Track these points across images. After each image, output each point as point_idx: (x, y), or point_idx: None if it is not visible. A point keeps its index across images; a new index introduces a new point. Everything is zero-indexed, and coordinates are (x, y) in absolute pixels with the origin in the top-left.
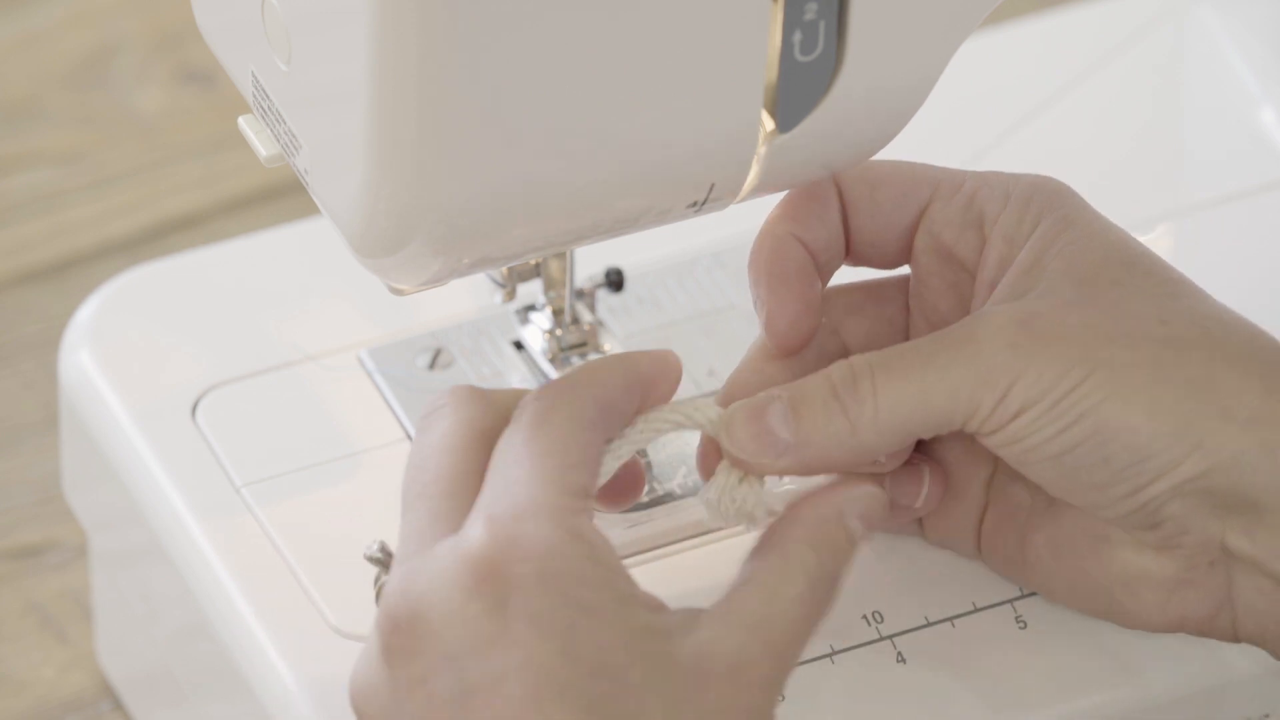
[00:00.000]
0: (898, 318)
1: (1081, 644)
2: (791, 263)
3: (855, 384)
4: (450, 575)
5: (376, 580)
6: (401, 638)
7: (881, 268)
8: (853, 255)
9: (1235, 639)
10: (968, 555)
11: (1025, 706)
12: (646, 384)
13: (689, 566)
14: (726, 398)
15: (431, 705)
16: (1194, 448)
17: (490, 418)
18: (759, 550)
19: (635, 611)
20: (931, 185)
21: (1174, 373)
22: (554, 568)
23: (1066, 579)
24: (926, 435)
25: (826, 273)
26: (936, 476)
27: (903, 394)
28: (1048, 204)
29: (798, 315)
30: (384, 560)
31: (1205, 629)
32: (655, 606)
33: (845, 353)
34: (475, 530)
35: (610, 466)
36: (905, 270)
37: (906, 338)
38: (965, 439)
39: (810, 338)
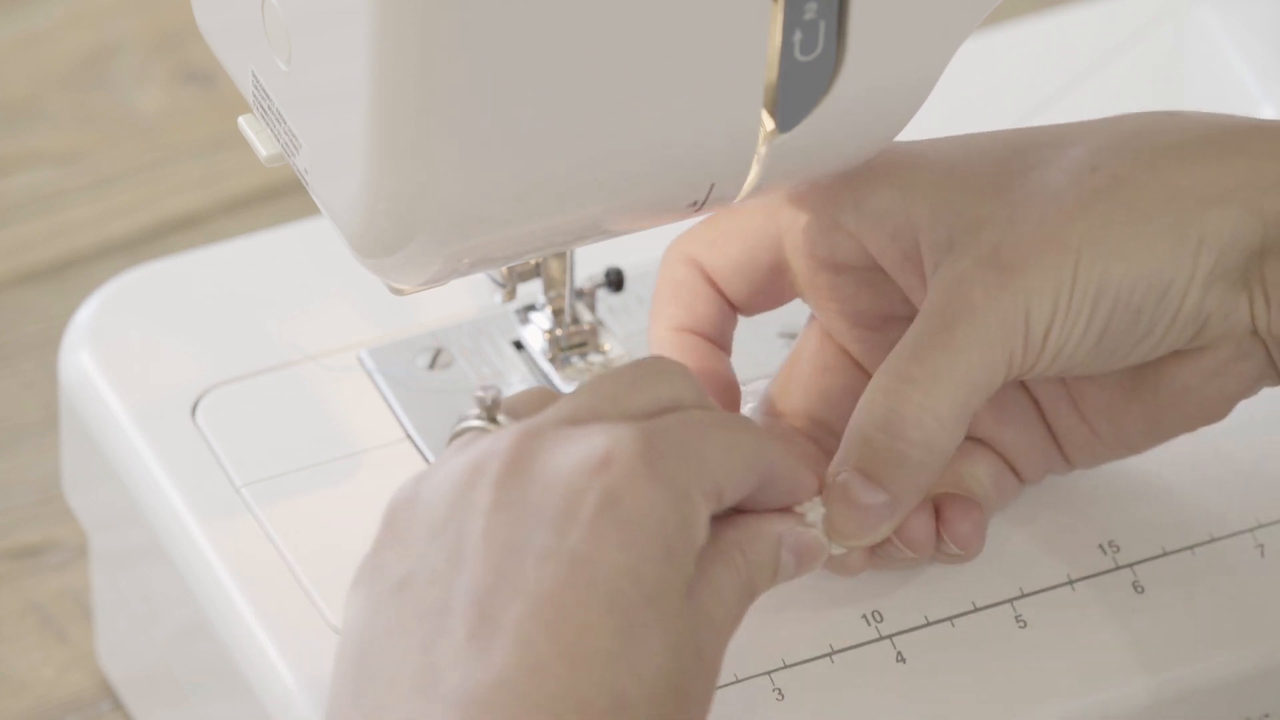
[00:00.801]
0: (896, 297)
1: (1081, 644)
2: (693, 356)
3: (900, 407)
4: (582, 448)
5: (461, 421)
6: (514, 476)
7: (771, 309)
8: (740, 309)
9: None
10: (1064, 471)
11: (1025, 706)
12: (793, 482)
13: None
14: (772, 407)
15: (490, 540)
16: (1197, 246)
17: (694, 400)
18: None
19: (684, 584)
20: (773, 218)
21: (1138, 203)
22: (663, 503)
23: (1137, 425)
24: (981, 406)
25: (726, 341)
26: (966, 511)
27: (945, 392)
28: (865, 177)
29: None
30: (490, 403)
31: (1262, 384)
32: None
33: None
34: (624, 429)
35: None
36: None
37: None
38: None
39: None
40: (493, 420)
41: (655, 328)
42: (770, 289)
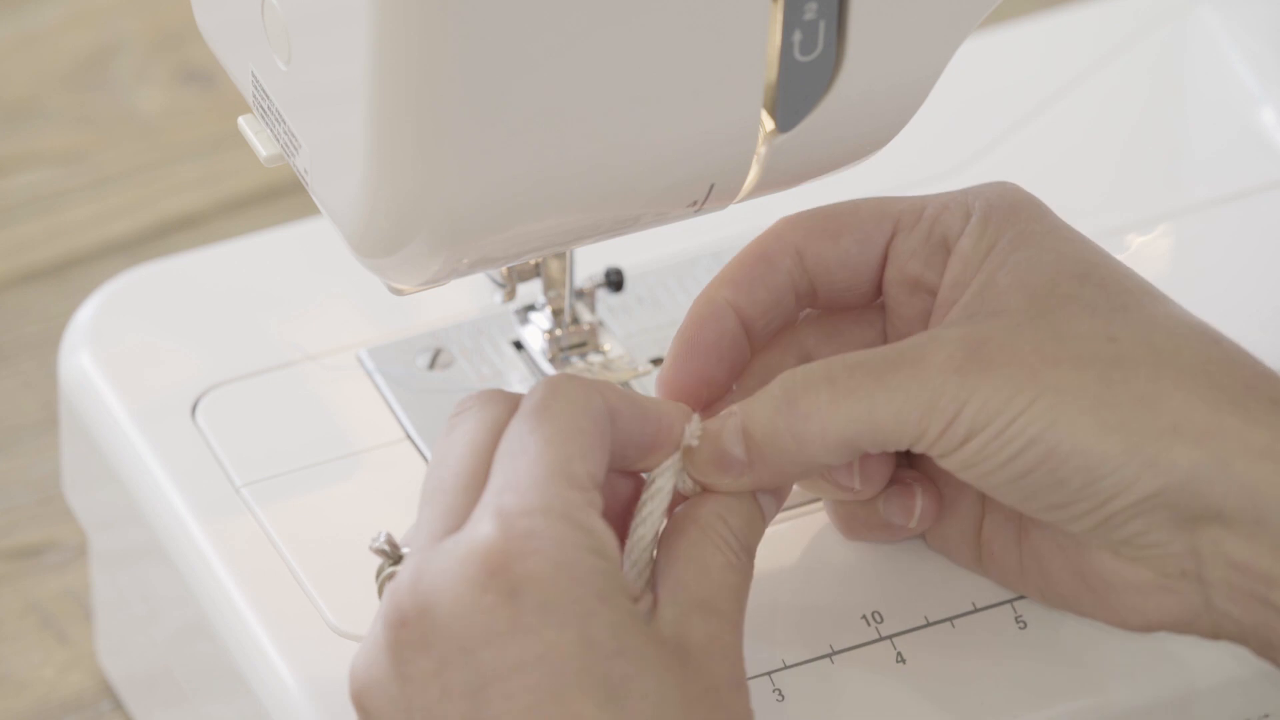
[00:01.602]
0: (876, 343)
1: (1081, 644)
2: (712, 333)
3: (800, 398)
4: (461, 569)
5: (379, 573)
6: (411, 631)
7: (855, 307)
8: (823, 301)
9: (1216, 638)
10: (969, 566)
11: (1025, 706)
12: (659, 414)
13: None
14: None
15: (447, 698)
16: (1146, 465)
17: (510, 417)
18: (676, 527)
19: (628, 602)
20: (893, 219)
21: (1121, 391)
22: (564, 559)
23: (1056, 583)
24: (875, 451)
25: (768, 334)
26: (930, 494)
27: (850, 414)
28: (1005, 220)
29: (685, 388)
30: (389, 552)
31: (1187, 629)
32: (636, 595)
33: None
34: (484, 525)
35: (644, 535)
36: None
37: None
38: None
39: (696, 408)
40: (397, 560)
41: (710, 289)
42: (865, 288)
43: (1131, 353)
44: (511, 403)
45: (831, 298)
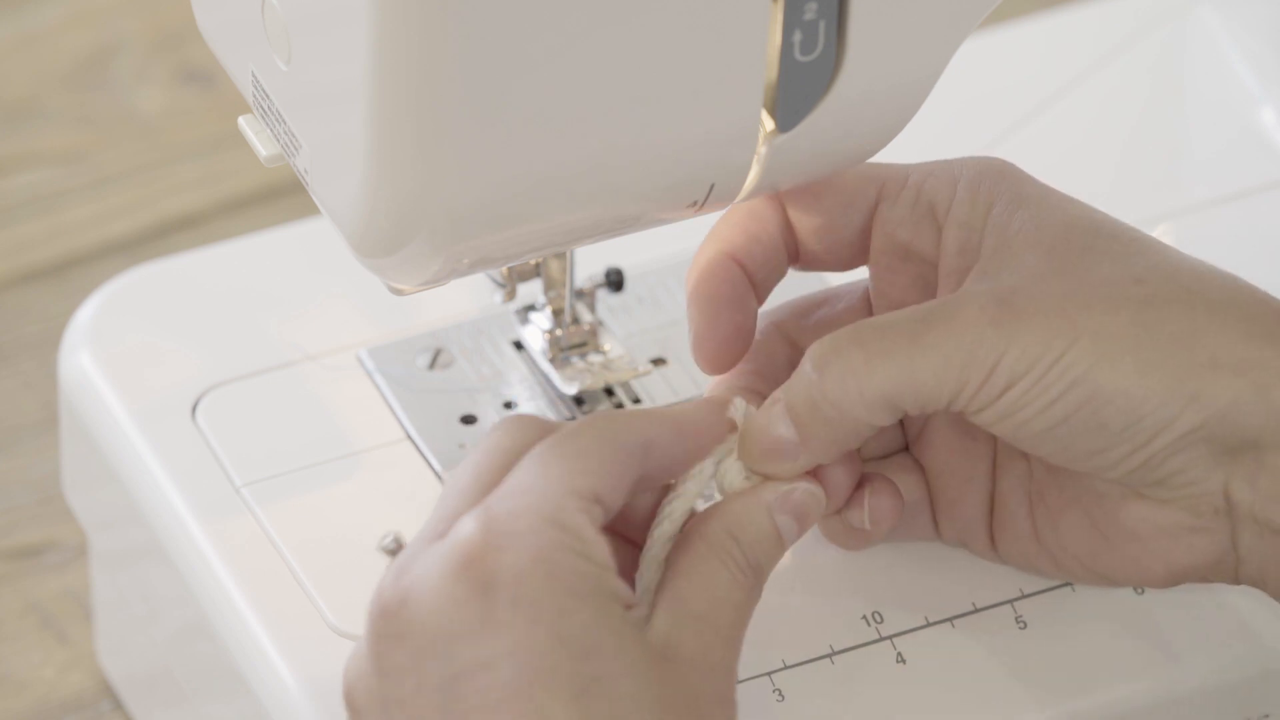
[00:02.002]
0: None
1: (1081, 644)
2: (724, 284)
3: (833, 364)
4: (440, 564)
5: None
6: (390, 624)
7: (835, 270)
8: (804, 261)
9: (1237, 582)
10: (982, 554)
11: (1025, 706)
12: (698, 431)
13: None
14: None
15: (420, 691)
16: (1189, 400)
17: (539, 439)
18: (685, 540)
19: (615, 605)
20: (876, 184)
21: (1157, 330)
22: (542, 556)
23: (1079, 549)
24: (915, 412)
25: (766, 288)
26: (884, 492)
27: (887, 374)
28: (996, 185)
29: (725, 338)
30: (397, 552)
31: (1210, 575)
32: (631, 603)
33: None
34: (468, 523)
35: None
36: (859, 276)
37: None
38: (958, 434)
39: (738, 359)
40: None
41: (705, 248)
42: (845, 251)
43: (1161, 292)
44: (543, 429)
45: (814, 257)
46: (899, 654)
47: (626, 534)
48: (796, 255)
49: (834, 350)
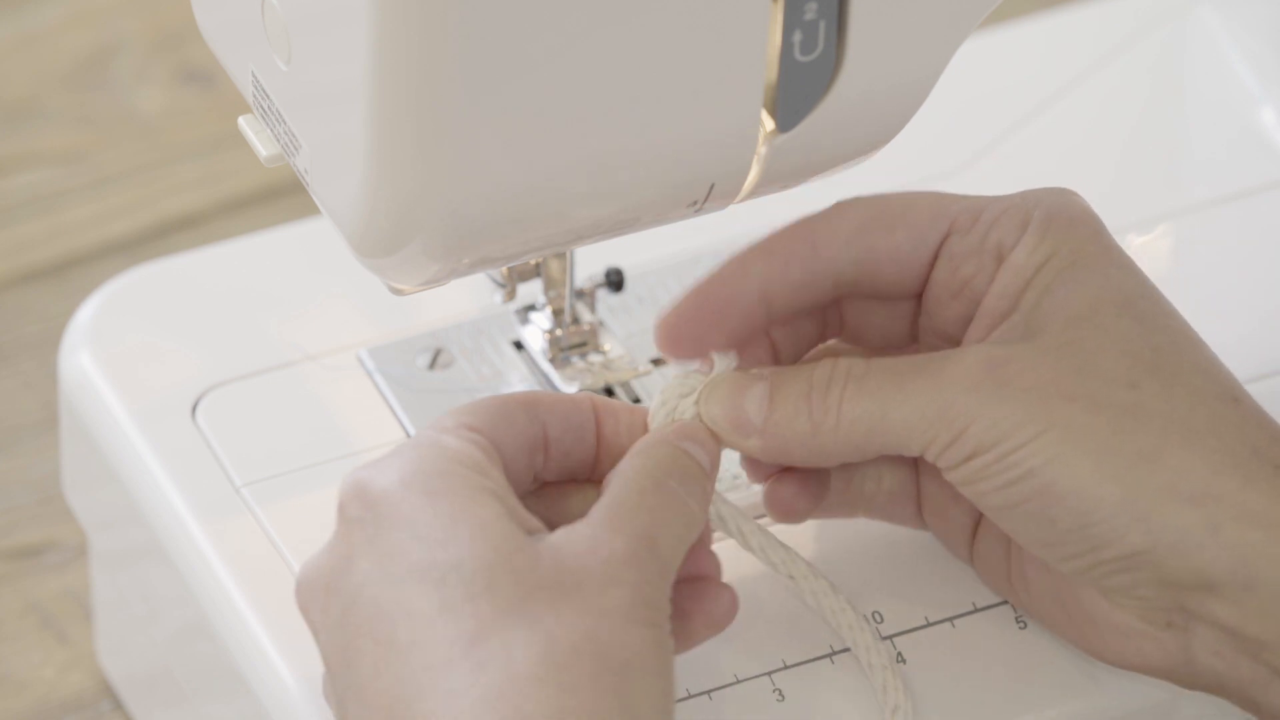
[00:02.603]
0: (903, 333)
1: None
2: (726, 299)
3: (828, 390)
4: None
5: None
6: (301, 595)
7: (894, 299)
8: (865, 291)
9: (1193, 689)
10: (965, 560)
11: (1025, 706)
12: (585, 401)
13: None
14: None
15: (329, 636)
16: (1137, 520)
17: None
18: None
19: (483, 496)
20: (948, 218)
21: (1126, 442)
22: (405, 470)
23: (1042, 606)
24: (887, 453)
25: (785, 312)
26: (793, 483)
27: (865, 411)
28: (1062, 235)
29: (679, 337)
30: None
31: (1164, 677)
32: (522, 518)
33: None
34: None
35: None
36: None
37: (913, 337)
38: None
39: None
40: None
41: (746, 257)
42: (909, 282)
43: (1149, 404)
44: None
45: (875, 289)
46: (899, 654)
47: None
48: (854, 285)
49: (833, 379)
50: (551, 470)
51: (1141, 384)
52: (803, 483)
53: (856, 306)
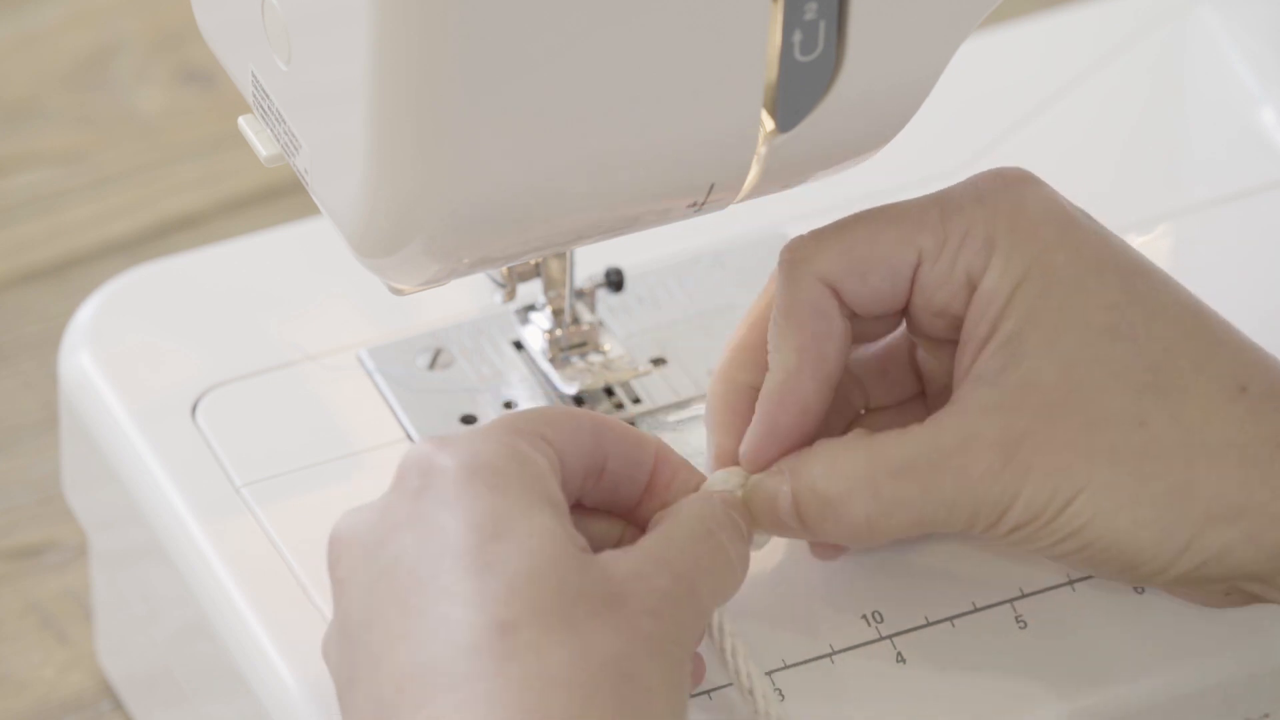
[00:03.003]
0: (909, 369)
1: (1081, 644)
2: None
3: (843, 504)
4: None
5: None
6: (332, 545)
7: (880, 337)
8: (853, 335)
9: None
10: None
11: (1025, 706)
12: (649, 442)
13: None
14: (713, 413)
15: (353, 597)
16: (1182, 550)
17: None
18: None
19: (539, 500)
20: (915, 249)
21: (1155, 485)
22: (469, 457)
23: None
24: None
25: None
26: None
27: (895, 519)
28: (1031, 252)
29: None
30: None
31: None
32: (577, 538)
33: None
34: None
35: None
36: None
37: (921, 388)
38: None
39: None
40: None
41: (784, 352)
42: (891, 318)
43: (1163, 437)
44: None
45: (860, 331)
46: (899, 654)
47: None
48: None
49: (848, 491)
50: (594, 497)
51: (1150, 418)
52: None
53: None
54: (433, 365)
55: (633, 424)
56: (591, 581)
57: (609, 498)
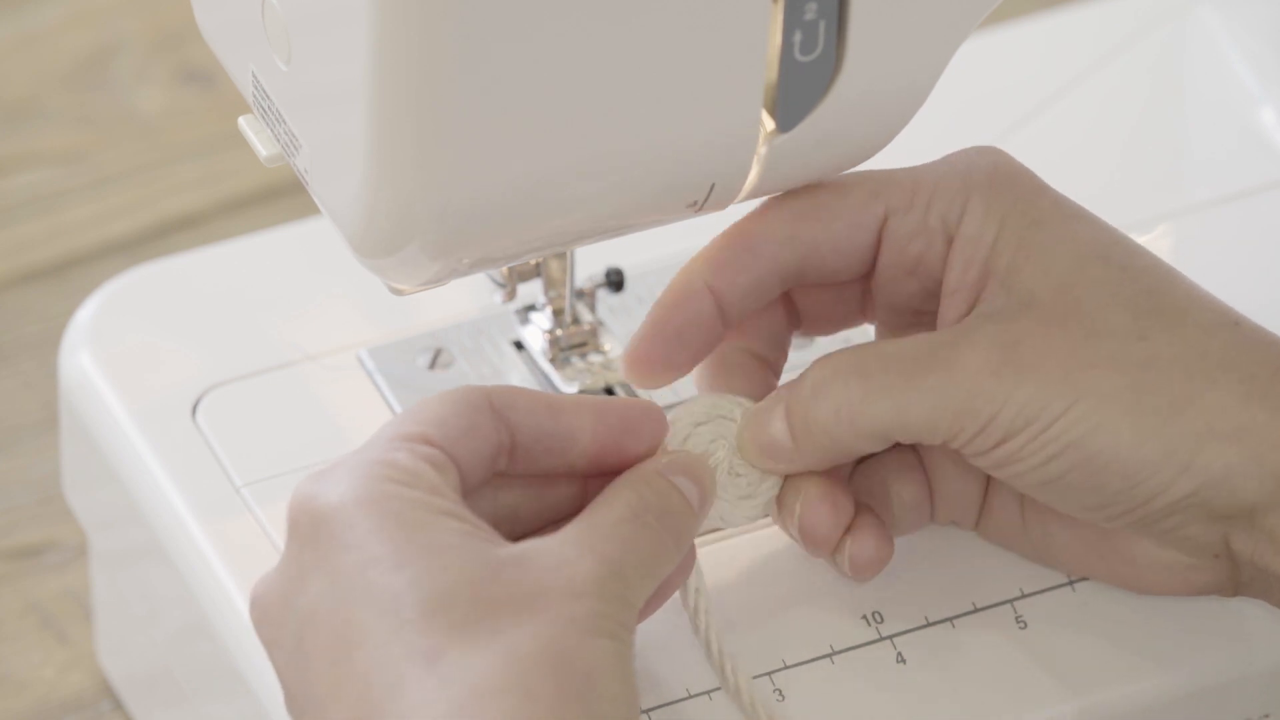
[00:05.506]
0: (855, 312)
1: (1081, 644)
2: (683, 318)
3: (832, 391)
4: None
5: None
6: (252, 607)
7: (842, 284)
8: (811, 281)
9: (1236, 595)
10: (969, 528)
11: (1025, 706)
12: (566, 405)
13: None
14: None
15: (288, 659)
16: (1183, 469)
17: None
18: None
19: (440, 518)
20: (883, 201)
21: (1156, 396)
22: (356, 489)
23: (1070, 557)
24: (906, 441)
25: (740, 316)
26: (868, 535)
27: (881, 410)
28: (1010, 200)
29: (650, 367)
30: None
31: (1210, 594)
32: (484, 538)
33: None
34: (302, 484)
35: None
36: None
37: (862, 313)
38: None
39: (670, 375)
40: None
41: (690, 273)
42: (855, 269)
43: (1163, 351)
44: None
45: (821, 278)
46: (899, 654)
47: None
48: (800, 278)
49: (834, 375)
50: (521, 469)
51: (1150, 333)
52: (878, 537)
53: (805, 294)
54: (433, 365)
55: None
56: (507, 582)
57: (540, 468)
